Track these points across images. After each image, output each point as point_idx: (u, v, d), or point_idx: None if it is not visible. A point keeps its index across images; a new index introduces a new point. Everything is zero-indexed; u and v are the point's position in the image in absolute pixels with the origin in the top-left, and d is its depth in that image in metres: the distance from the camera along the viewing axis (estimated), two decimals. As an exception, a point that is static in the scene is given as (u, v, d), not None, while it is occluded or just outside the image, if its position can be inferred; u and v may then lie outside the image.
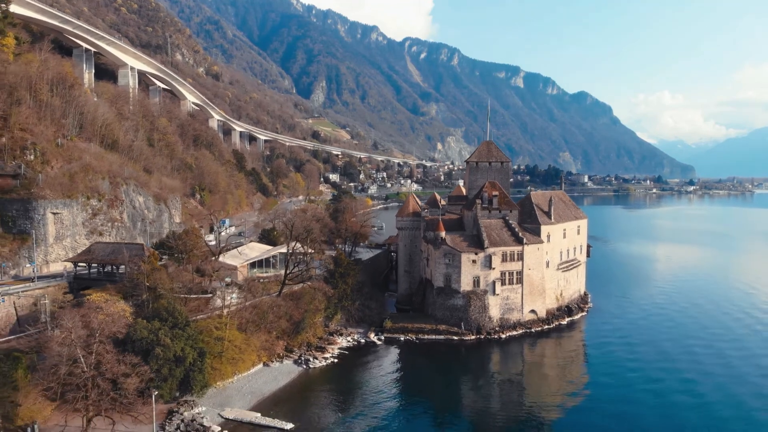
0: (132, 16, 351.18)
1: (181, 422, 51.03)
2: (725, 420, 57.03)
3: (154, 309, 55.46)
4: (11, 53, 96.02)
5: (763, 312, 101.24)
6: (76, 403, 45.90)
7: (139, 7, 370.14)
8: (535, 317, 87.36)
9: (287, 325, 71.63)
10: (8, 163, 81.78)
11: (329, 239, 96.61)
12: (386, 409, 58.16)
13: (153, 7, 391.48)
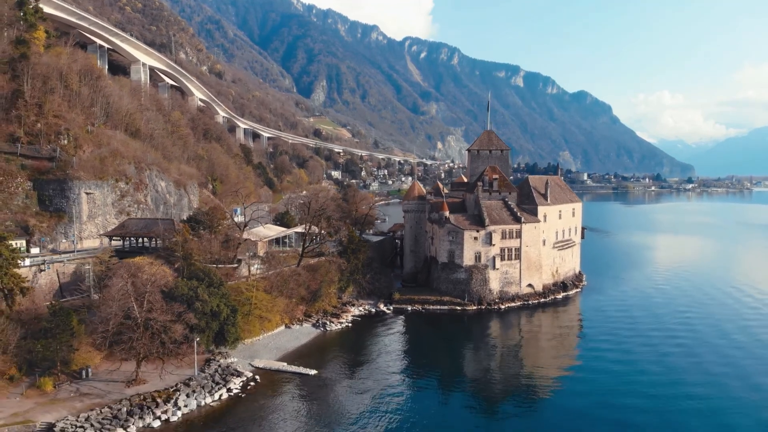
0: (136, 15, 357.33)
1: (218, 367, 57.72)
2: (715, 375, 60.85)
3: (191, 271, 62.04)
4: (42, 46, 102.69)
5: (741, 285, 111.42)
6: (126, 351, 52.48)
7: (143, 6, 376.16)
8: (532, 291, 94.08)
9: (305, 293, 78.44)
10: (44, 147, 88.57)
11: (340, 220, 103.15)
12: (394, 369, 63.90)
13: (157, 6, 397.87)
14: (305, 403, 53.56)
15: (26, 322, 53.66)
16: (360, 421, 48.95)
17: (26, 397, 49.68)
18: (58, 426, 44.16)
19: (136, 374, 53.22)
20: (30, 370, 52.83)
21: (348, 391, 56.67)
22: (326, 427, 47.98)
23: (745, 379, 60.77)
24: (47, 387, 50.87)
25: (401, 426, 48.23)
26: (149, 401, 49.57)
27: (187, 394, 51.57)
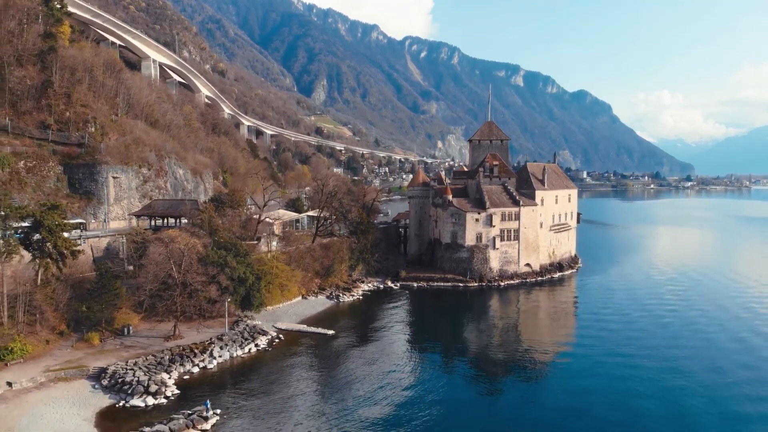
0: (140, 14, 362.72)
1: (246, 327, 63.80)
2: (700, 349, 62.94)
3: (219, 243, 68.05)
4: (67, 40, 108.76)
5: (725, 269, 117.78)
6: (167, 308, 58.53)
7: (147, 5, 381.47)
8: (530, 270, 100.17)
9: (320, 267, 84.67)
10: (73, 134, 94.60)
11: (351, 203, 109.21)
12: (402, 335, 69.46)
13: (160, 5, 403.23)
14: (323, 357, 59.57)
15: (72, 285, 59.65)
16: (370, 374, 54.00)
17: (76, 348, 55.70)
18: (109, 369, 50.15)
19: (174, 330, 59.29)
20: (77, 327, 58.91)
21: (360, 349, 62.62)
22: (341, 378, 53.64)
23: (731, 334, 66.97)
24: (94, 340, 56.90)
25: (406, 383, 52.33)
26: (188, 352, 55.65)
27: (220, 347, 57.69)
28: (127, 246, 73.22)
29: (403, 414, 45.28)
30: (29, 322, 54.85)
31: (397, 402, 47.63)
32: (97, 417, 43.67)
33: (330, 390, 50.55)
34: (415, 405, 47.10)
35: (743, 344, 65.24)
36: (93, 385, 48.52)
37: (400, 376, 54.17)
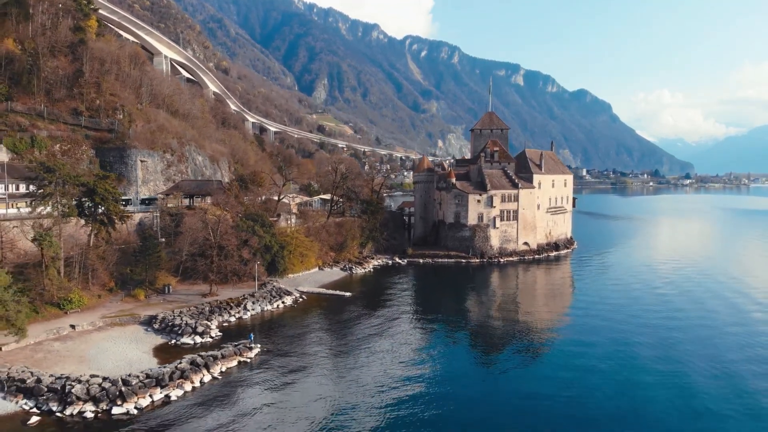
0: (145, 13, 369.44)
1: (273, 288, 70.98)
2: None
3: (247, 214, 75.28)
4: (94, 33, 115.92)
5: (707, 251, 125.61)
6: (203, 270, 65.67)
7: (151, 4, 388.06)
8: (528, 248, 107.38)
9: (334, 243, 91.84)
10: (104, 120, 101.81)
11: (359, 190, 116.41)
12: (410, 303, 75.55)
13: (165, 4, 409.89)
14: (342, 313, 66.63)
15: (119, 248, 66.84)
16: (381, 330, 59.73)
17: (124, 302, 62.89)
18: (159, 316, 57.31)
19: (210, 289, 66.49)
20: (124, 285, 66.10)
21: (372, 309, 69.37)
22: (357, 330, 60.11)
23: (718, 312, 72.33)
24: (140, 296, 64.07)
25: (411, 339, 57.79)
26: (224, 305, 62.84)
27: (252, 302, 64.90)
28: (160, 219, 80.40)
29: (404, 366, 49.51)
30: (83, 279, 62.02)
31: (402, 357, 51.56)
32: (153, 351, 50.81)
33: (347, 339, 57.29)
34: (416, 361, 50.86)
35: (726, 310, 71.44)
36: (145, 329, 55.72)
37: (406, 335, 59.19)
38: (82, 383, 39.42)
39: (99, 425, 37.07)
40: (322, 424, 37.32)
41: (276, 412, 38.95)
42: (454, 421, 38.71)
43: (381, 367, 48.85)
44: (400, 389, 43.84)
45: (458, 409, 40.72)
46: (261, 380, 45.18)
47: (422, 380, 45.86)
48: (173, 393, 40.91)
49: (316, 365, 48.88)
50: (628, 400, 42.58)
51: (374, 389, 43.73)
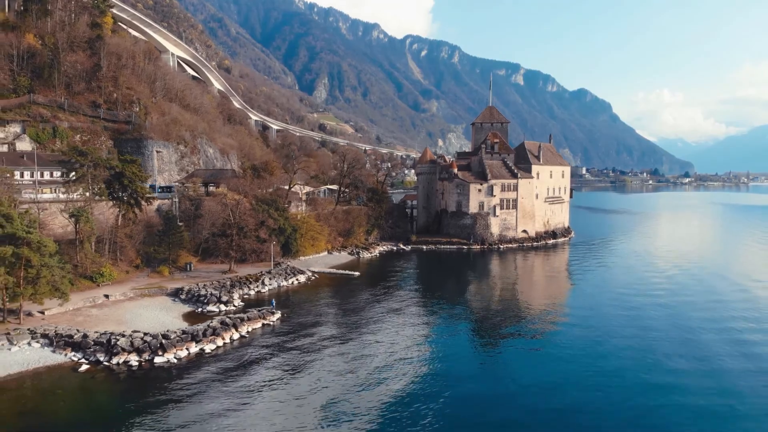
0: (148, 12, 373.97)
1: (287, 267, 75.61)
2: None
3: (262, 199, 79.89)
4: (109, 30, 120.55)
5: (700, 240, 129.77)
6: (224, 248, 70.28)
7: (154, 3, 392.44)
8: (526, 236, 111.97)
9: (342, 229, 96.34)
10: (121, 113, 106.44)
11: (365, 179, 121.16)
12: (413, 283, 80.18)
13: (167, 3, 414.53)
14: (351, 290, 71.20)
15: (144, 228, 71.45)
16: (388, 306, 64.11)
17: (151, 277, 67.51)
18: (185, 288, 61.94)
19: (229, 266, 71.12)
20: (149, 263, 70.71)
21: (379, 286, 73.88)
22: (365, 304, 64.56)
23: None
24: (165, 272, 68.68)
25: (417, 316, 61.38)
26: (243, 280, 67.46)
27: (269, 278, 69.52)
28: (180, 204, 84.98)
29: (408, 336, 53.00)
30: (112, 256, 66.62)
31: (405, 330, 54.62)
32: (182, 317, 55.43)
33: (356, 310, 61.69)
34: (419, 333, 54.08)
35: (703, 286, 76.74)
36: (173, 299, 60.37)
37: (410, 310, 62.75)
38: (125, 337, 44.07)
39: (142, 372, 41.68)
40: (333, 375, 41.72)
41: (294, 367, 43.45)
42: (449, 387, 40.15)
43: (387, 332, 53.55)
44: (402, 353, 47.94)
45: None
46: (281, 340, 49.81)
47: (422, 353, 47.91)
48: (207, 347, 45.60)
49: (329, 329, 53.51)
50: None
51: (379, 348, 48.40)
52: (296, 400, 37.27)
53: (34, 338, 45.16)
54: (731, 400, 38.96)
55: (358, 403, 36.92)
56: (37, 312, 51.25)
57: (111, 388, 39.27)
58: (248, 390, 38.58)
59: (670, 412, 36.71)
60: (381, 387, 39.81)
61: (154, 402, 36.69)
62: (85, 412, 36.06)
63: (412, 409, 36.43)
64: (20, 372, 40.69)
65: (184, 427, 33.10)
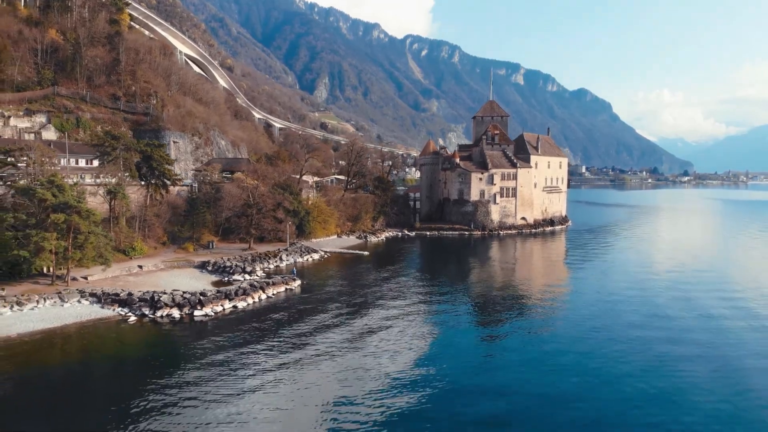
0: (151, 11, 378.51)
1: (301, 246, 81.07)
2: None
3: (276, 183, 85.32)
4: (126, 26, 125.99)
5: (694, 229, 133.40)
6: (245, 227, 75.72)
7: (157, 3, 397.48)
8: (525, 223, 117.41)
9: (350, 214, 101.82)
10: (139, 105, 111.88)
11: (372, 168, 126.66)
12: (417, 264, 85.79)
13: (170, 3, 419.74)
14: (361, 266, 76.67)
15: (170, 208, 76.89)
16: (396, 282, 68.98)
17: (177, 253, 72.91)
18: (211, 261, 67.37)
19: (249, 244, 76.56)
20: (174, 241, 76.13)
21: (386, 265, 79.18)
22: (375, 277, 69.84)
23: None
24: (189, 248, 74.11)
25: (420, 291, 66.92)
26: (263, 256, 72.90)
27: (286, 254, 75.01)
28: (199, 189, 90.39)
29: (410, 307, 57.90)
30: (141, 233, 71.99)
31: (409, 304, 58.87)
32: (211, 284, 60.74)
33: (366, 281, 67.18)
34: (421, 307, 57.69)
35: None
36: (200, 270, 65.79)
37: (414, 283, 67.98)
38: (167, 294, 49.52)
39: (184, 324, 47.09)
40: (344, 333, 46.74)
41: (311, 324, 48.59)
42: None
43: (392, 301, 58.95)
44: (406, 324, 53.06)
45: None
46: (301, 302, 55.32)
47: (424, 326, 49.88)
48: (239, 304, 51.08)
49: (342, 296, 58.96)
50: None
51: (383, 314, 53.84)
52: (311, 355, 40.99)
53: (83, 297, 50.56)
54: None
55: (365, 363, 39.24)
56: (80, 277, 56.63)
57: (158, 334, 44.75)
58: (274, 341, 43.64)
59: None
60: (381, 345, 43.65)
61: (195, 345, 42.11)
62: (138, 349, 41.62)
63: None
64: (75, 322, 46.10)
65: (222, 366, 38.25)
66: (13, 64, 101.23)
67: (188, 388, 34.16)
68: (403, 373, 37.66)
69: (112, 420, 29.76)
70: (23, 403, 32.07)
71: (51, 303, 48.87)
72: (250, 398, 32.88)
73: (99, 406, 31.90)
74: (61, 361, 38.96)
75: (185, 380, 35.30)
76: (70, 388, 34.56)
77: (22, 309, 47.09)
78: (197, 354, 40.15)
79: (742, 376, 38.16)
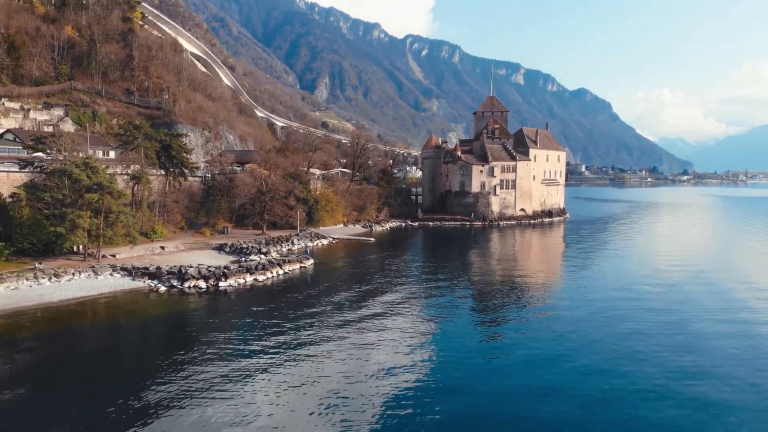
0: (156, 10, 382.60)
1: (311, 232, 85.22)
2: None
3: (287, 173, 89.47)
4: (138, 24, 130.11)
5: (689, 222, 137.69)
6: (259, 212, 79.88)
7: (159, 2, 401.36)
8: (524, 214, 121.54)
9: (356, 204, 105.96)
10: (152, 100, 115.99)
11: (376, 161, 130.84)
12: (420, 251, 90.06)
13: (173, 2, 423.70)
14: (368, 250, 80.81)
15: (188, 195, 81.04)
16: (401, 264, 74.33)
17: (195, 237, 77.01)
18: (228, 243, 71.49)
19: (262, 229, 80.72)
20: (191, 226, 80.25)
21: (391, 248, 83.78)
22: (380, 258, 74.30)
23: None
24: (206, 233, 78.25)
25: (423, 271, 72.73)
26: (275, 240, 77.03)
27: (297, 239, 79.17)
28: (213, 179, 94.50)
29: (411, 288, 63.82)
30: (161, 218, 76.13)
31: (411, 282, 65.13)
32: (229, 263, 64.88)
33: (372, 263, 71.48)
34: (423, 288, 65.08)
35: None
36: (218, 252, 69.91)
37: (418, 266, 73.72)
38: (194, 268, 53.65)
39: (210, 294, 51.23)
40: (354, 306, 50.74)
41: (323, 297, 52.73)
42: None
43: (397, 283, 63.15)
44: (409, 303, 57.55)
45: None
46: (314, 278, 59.59)
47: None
48: (259, 277, 55.27)
49: (351, 275, 63.20)
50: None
51: (388, 293, 58.00)
52: (326, 326, 45.93)
53: (114, 270, 54.71)
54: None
55: (369, 339, 40.40)
56: (110, 255, 60.74)
57: (187, 302, 48.88)
58: (289, 312, 47.63)
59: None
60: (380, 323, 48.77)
61: (221, 311, 46.33)
62: (167, 314, 45.76)
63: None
64: (110, 291, 50.27)
65: (247, 330, 42.28)
66: (31, 60, 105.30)
67: (211, 349, 36.74)
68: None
69: (142, 375, 32.54)
70: (65, 360, 35.52)
71: (86, 276, 53.01)
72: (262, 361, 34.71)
73: (131, 363, 35.30)
74: (97, 324, 43.10)
75: (209, 341, 38.62)
76: (105, 347, 38.37)
77: (59, 280, 51.22)
78: (221, 320, 44.20)
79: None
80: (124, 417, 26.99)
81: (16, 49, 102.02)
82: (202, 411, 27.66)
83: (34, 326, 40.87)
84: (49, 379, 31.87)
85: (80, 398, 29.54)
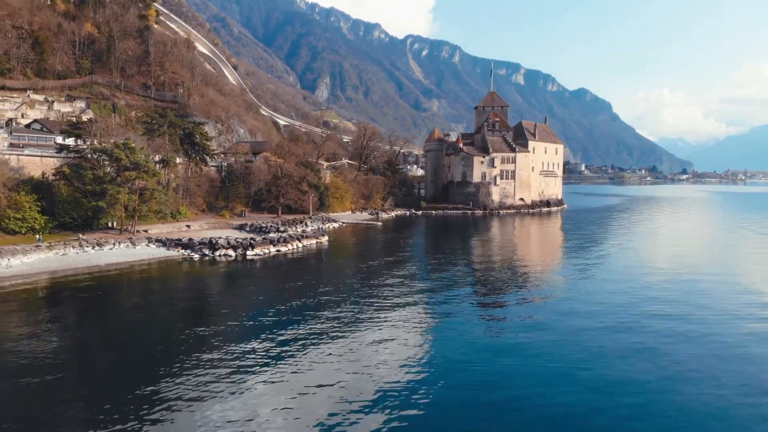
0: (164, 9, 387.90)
1: (322, 216, 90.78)
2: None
3: (299, 162, 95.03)
4: (153, 21, 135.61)
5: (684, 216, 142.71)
6: (275, 195, 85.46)
7: (163, 2, 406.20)
8: (523, 203, 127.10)
9: (363, 193, 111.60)
10: (168, 93, 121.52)
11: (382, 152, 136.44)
12: (423, 235, 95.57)
13: (176, 2, 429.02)
14: (375, 232, 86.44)
15: (209, 180, 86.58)
16: (406, 247, 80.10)
17: (216, 218, 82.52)
18: (247, 223, 77.02)
19: (278, 212, 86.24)
20: (211, 209, 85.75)
21: (396, 232, 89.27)
22: (385, 239, 79.95)
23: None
24: (226, 215, 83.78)
25: (426, 255, 78.34)
26: (290, 222, 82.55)
27: (310, 221, 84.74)
28: (229, 167, 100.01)
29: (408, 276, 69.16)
30: (184, 201, 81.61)
31: (412, 270, 70.45)
32: (251, 239, 70.42)
33: (379, 243, 77.02)
34: (424, 271, 70.64)
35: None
36: (239, 230, 75.41)
37: (421, 250, 79.45)
38: (223, 239, 59.16)
39: (238, 262, 56.75)
40: (363, 278, 56.41)
41: (336, 269, 58.36)
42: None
43: (402, 261, 68.62)
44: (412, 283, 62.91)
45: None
46: (329, 252, 65.15)
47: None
48: (281, 249, 60.85)
49: (363, 249, 68.92)
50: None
51: (395, 270, 63.43)
52: (335, 294, 51.75)
53: (150, 242, 60.23)
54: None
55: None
56: (142, 230, 66.23)
57: (218, 268, 54.40)
58: (306, 275, 53.43)
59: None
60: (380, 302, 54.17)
61: (250, 276, 51.84)
62: (203, 277, 51.21)
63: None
64: (149, 258, 55.82)
65: (272, 292, 47.84)
66: (54, 55, 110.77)
67: (237, 318, 37.52)
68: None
69: (178, 332, 37.37)
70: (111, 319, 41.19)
71: (125, 246, 58.53)
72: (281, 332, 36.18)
73: (169, 322, 37.92)
74: (139, 285, 48.32)
75: (239, 305, 41.98)
76: (146, 306, 41.94)
77: (102, 248, 56.74)
78: (248, 284, 49.56)
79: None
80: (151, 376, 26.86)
81: (39, 44, 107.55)
82: (232, 379, 26.36)
83: (88, 283, 46.34)
84: (87, 333, 34.27)
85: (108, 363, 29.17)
